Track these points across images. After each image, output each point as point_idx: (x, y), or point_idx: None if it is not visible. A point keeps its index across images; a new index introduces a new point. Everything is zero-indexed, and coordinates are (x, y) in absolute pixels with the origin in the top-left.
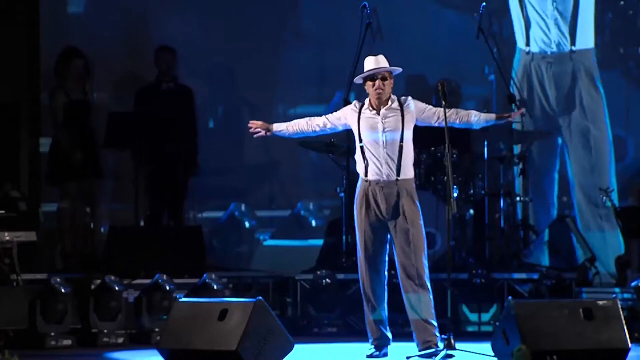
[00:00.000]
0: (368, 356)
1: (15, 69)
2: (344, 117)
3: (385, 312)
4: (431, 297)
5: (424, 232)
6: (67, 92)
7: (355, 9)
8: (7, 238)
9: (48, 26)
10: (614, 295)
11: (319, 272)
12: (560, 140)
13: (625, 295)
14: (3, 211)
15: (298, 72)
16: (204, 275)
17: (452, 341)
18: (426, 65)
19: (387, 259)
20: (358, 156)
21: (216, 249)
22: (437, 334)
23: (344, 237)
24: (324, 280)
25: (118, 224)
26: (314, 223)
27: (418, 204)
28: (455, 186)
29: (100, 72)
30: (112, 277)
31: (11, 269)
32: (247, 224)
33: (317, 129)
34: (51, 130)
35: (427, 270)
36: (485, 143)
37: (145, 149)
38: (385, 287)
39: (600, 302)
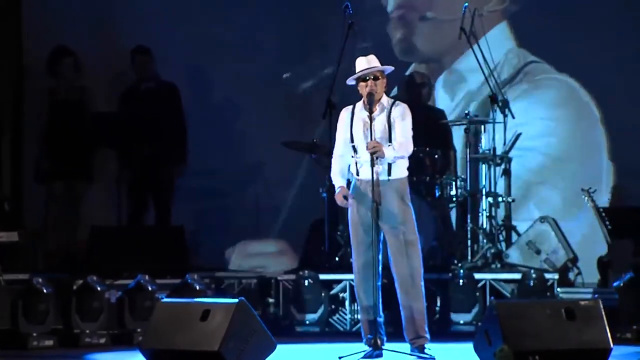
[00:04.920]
0: (363, 357)
1: None
2: (346, 130)
3: (379, 313)
4: (423, 298)
5: (416, 232)
6: (57, 90)
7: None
8: None
9: (31, 27)
10: (596, 296)
11: (301, 273)
12: None
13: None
14: None
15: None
16: (186, 275)
17: (379, 341)
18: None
19: (380, 259)
20: (351, 156)
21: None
22: (427, 335)
23: (326, 238)
24: (306, 281)
25: (100, 224)
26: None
27: (410, 205)
28: (437, 186)
29: (90, 71)
30: (94, 278)
31: None
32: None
33: (346, 161)
34: (37, 130)
35: (421, 270)
36: (468, 143)
37: (129, 149)
38: (379, 289)
39: (582, 303)
